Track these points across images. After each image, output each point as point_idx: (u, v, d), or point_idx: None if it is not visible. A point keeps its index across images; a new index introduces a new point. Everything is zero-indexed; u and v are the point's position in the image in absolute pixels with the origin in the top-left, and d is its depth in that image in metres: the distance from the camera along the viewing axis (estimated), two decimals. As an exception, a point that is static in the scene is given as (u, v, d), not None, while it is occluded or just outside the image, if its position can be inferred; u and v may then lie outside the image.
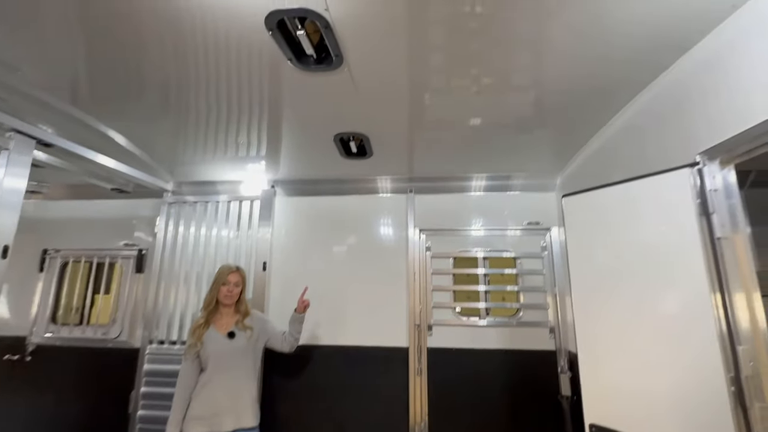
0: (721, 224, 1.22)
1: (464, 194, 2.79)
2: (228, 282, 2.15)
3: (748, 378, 1.11)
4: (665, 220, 1.33)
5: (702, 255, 1.21)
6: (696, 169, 1.28)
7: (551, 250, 2.61)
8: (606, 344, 1.46)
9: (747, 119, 1.11)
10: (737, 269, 1.20)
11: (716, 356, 1.15)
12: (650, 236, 1.37)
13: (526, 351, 2.48)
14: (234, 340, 2.09)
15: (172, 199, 2.93)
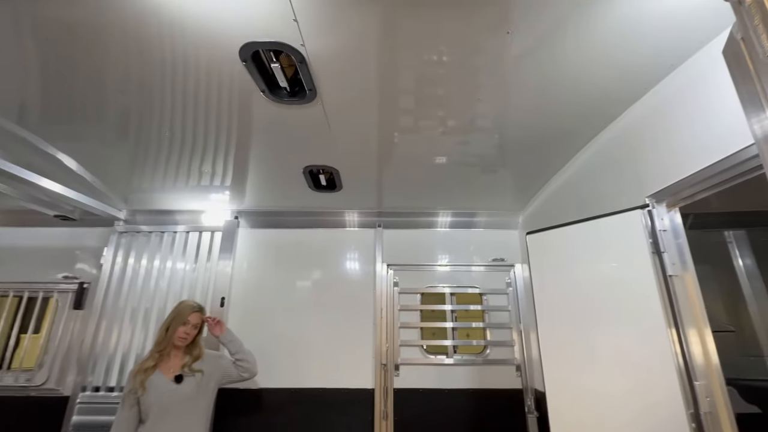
0: (672, 262, 1.30)
1: (431, 230, 2.82)
2: (188, 322, 1.92)
3: (706, 414, 1.14)
4: (622, 258, 1.40)
5: (657, 291, 1.27)
6: (646, 211, 1.37)
7: (516, 286, 2.66)
8: (573, 383, 1.46)
9: (688, 166, 1.22)
10: (689, 305, 1.26)
11: (676, 393, 1.18)
12: (609, 273, 1.43)
13: (493, 390, 2.44)
14: (182, 385, 1.85)
15: (124, 229, 2.73)
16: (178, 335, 1.89)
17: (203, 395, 1.91)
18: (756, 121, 0.69)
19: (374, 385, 2.43)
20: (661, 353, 1.23)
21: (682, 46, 1.20)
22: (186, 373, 1.87)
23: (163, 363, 1.88)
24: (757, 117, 0.68)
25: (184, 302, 2.03)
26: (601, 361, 1.39)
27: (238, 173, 2.23)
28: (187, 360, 1.92)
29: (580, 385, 1.44)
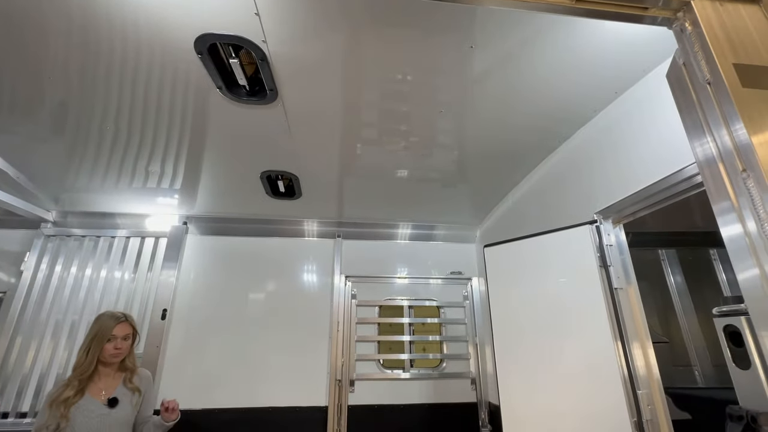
0: (617, 276, 1.37)
1: (391, 241, 2.81)
2: (114, 337, 1.65)
3: (648, 422, 1.19)
4: (572, 272, 1.46)
5: (604, 304, 1.33)
6: (594, 226, 1.44)
7: (472, 299, 2.70)
8: (526, 396, 1.48)
9: (633, 184, 1.31)
10: (632, 317, 1.33)
11: (621, 402, 1.22)
12: (560, 285, 1.48)
13: (449, 404, 2.43)
14: (116, 409, 1.61)
15: (52, 232, 2.45)
16: (107, 353, 1.63)
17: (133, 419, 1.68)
18: (698, 144, 0.74)
19: (328, 403, 2.32)
20: (608, 364, 1.28)
21: (631, 70, 1.30)
22: (123, 393, 1.65)
23: (92, 385, 1.62)
24: (698, 140, 0.74)
25: (103, 315, 1.72)
26: (552, 373, 1.42)
27: (190, 175, 2.09)
28: (124, 376, 1.69)
29: (532, 396, 1.46)
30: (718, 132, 0.68)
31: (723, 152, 0.68)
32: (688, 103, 0.72)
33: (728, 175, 0.67)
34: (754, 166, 0.61)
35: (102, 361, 1.64)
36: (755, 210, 0.62)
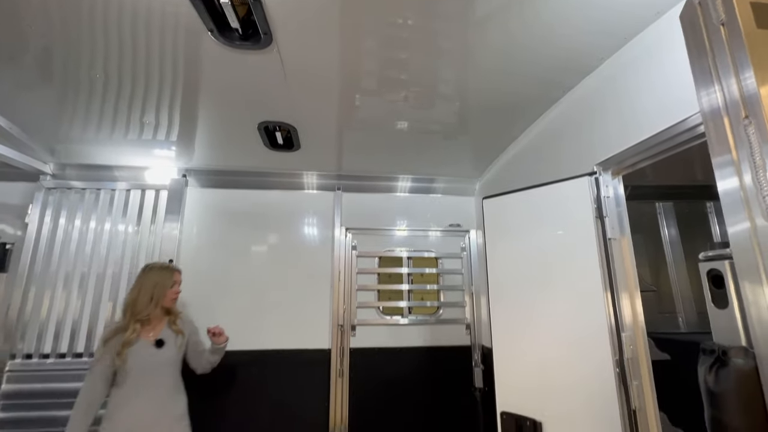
0: (612, 227, 1.40)
1: (390, 194, 2.82)
2: (174, 283, 1.93)
3: (629, 360, 1.29)
4: (568, 222, 1.49)
5: (597, 253, 1.38)
6: (593, 178, 1.45)
7: (469, 251, 2.77)
8: (517, 338, 1.57)
9: (634, 135, 1.29)
10: (623, 267, 1.38)
11: (605, 342, 1.31)
12: (555, 236, 1.52)
13: (444, 347, 2.59)
14: (163, 349, 1.81)
15: (52, 184, 2.45)
16: (169, 298, 1.88)
17: (181, 360, 1.90)
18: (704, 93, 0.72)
19: (331, 346, 2.48)
20: (596, 310, 1.35)
21: (643, 13, 1.23)
22: (169, 336, 1.86)
23: (143, 329, 1.81)
24: (705, 89, 0.72)
25: (155, 265, 1.95)
26: (542, 318, 1.50)
27: (186, 126, 2.05)
28: (170, 319, 1.91)
29: (524, 339, 1.55)
30: (727, 80, 0.67)
31: (729, 102, 0.67)
32: (699, 48, 0.70)
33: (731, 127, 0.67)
34: (757, 113, 0.61)
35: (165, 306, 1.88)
36: (752, 159, 0.62)
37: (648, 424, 1.24)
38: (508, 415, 1.49)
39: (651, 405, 1.26)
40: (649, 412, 1.25)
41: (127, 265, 2.43)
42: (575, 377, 1.36)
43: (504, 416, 1.50)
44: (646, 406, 1.25)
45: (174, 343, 1.86)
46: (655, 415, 1.25)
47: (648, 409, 1.25)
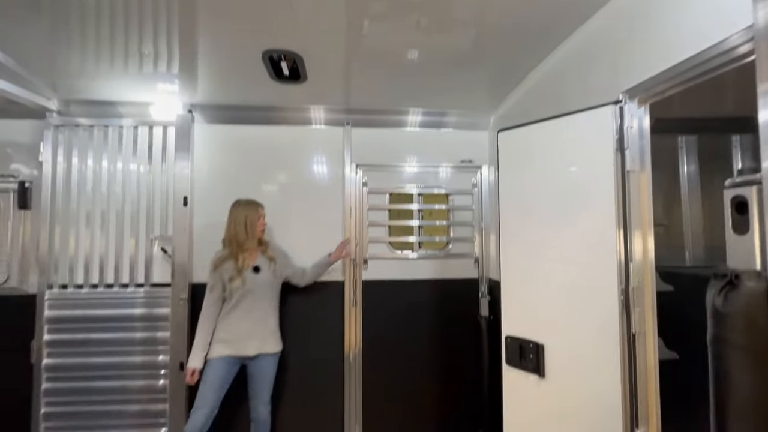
0: (632, 159, 1.35)
1: (401, 129, 2.74)
2: (261, 215, 2.23)
3: (634, 289, 1.32)
4: (585, 156, 1.44)
5: (613, 187, 1.35)
6: (618, 107, 1.37)
7: (481, 187, 2.75)
8: (525, 269, 1.62)
9: (663, 62, 1.19)
10: (639, 200, 1.36)
11: (613, 274, 1.34)
12: (571, 169, 1.49)
13: (452, 280, 2.70)
14: (259, 274, 2.18)
15: (59, 122, 2.43)
16: (258, 230, 2.20)
17: (276, 283, 2.27)
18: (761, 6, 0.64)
19: (344, 278, 2.60)
20: (607, 244, 1.36)
21: None
22: (263, 263, 2.20)
23: (241, 256, 2.16)
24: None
25: (242, 201, 2.23)
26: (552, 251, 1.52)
27: (187, 57, 1.95)
28: (262, 249, 2.24)
29: (530, 272, 1.59)
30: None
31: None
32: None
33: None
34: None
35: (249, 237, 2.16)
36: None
37: (646, 347, 1.32)
38: (512, 338, 1.59)
39: (651, 330, 1.32)
40: (648, 337, 1.32)
41: (144, 204, 2.49)
42: (579, 305, 1.42)
43: (508, 340, 1.60)
44: (646, 331, 1.32)
45: (268, 268, 2.21)
46: (654, 339, 1.32)
47: (647, 334, 1.32)
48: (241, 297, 2.13)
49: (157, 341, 2.41)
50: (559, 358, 1.46)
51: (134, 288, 2.44)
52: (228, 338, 2.11)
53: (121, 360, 2.38)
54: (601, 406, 1.33)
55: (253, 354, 2.12)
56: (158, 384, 2.39)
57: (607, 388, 1.31)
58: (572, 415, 1.41)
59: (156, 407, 2.37)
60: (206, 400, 2.03)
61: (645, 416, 1.30)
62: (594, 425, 1.35)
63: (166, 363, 2.38)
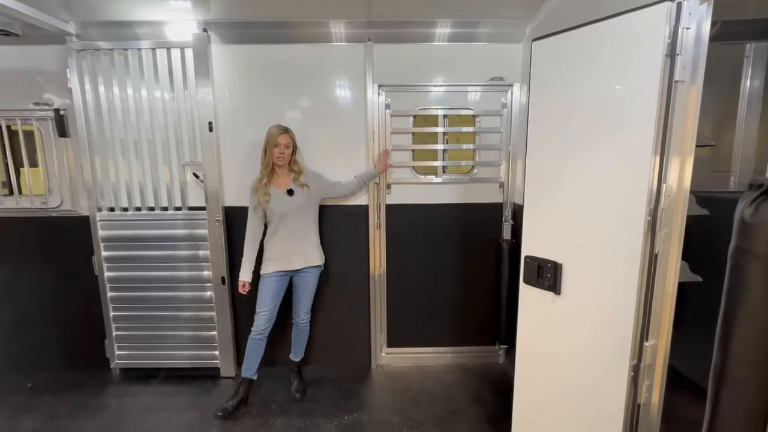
0: (683, 67, 1.21)
1: (427, 44, 2.54)
2: (279, 144, 2.24)
3: (663, 209, 1.28)
4: (629, 64, 1.30)
5: (656, 99, 1.23)
6: (675, 3, 1.19)
7: (511, 108, 2.59)
8: (549, 191, 1.58)
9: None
10: (684, 115, 1.25)
11: (642, 196, 1.28)
12: (610, 82, 1.35)
13: (476, 204, 2.70)
14: (293, 197, 2.30)
15: (79, 46, 2.41)
16: (275, 156, 2.25)
17: (311, 204, 2.39)
18: None
19: (368, 202, 2.65)
20: (641, 162, 1.28)
21: None
22: (296, 187, 2.31)
23: (275, 180, 2.31)
24: None
25: (273, 127, 2.28)
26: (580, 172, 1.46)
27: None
28: (293, 176, 2.34)
29: (555, 198, 1.55)
30: None
31: None
32: None
33: None
34: None
35: (275, 163, 2.27)
36: None
37: (667, 267, 1.31)
38: (531, 258, 1.62)
39: (675, 251, 1.30)
40: (671, 257, 1.30)
41: (172, 131, 2.54)
42: (602, 225, 1.40)
43: (527, 259, 1.63)
44: (670, 252, 1.30)
45: (301, 193, 2.32)
46: (677, 260, 1.31)
47: (671, 254, 1.30)
48: (279, 219, 2.29)
49: (200, 258, 2.64)
50: (576, 276, 1.49)
51: (173, 211, 2.62)
52: (276, 256, 2.33)
53: (171, 274, 2.65)
54: (613, 320, 1.38)
55: (299, 267, 2.36)
56: (205, 295, 2.68)
57: (622, 303, 1.35)
58: (584, 327, 1.48)
59: (205, 314, 2.69)
60: (265, 306, 2.33)
61: (656, 330, 1.35)
62: (604, 336, 1.42)
63: (209, 277, 2.64)
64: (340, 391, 2.56)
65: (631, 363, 1.35)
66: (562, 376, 1.58)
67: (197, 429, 2.23)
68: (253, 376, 2.38)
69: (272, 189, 2.29)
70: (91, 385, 2.65)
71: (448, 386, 2.61)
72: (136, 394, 2.56)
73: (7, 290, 2.72)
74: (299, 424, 2.25)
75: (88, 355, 2.77)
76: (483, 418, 2.28)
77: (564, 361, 1.57)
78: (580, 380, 1.53)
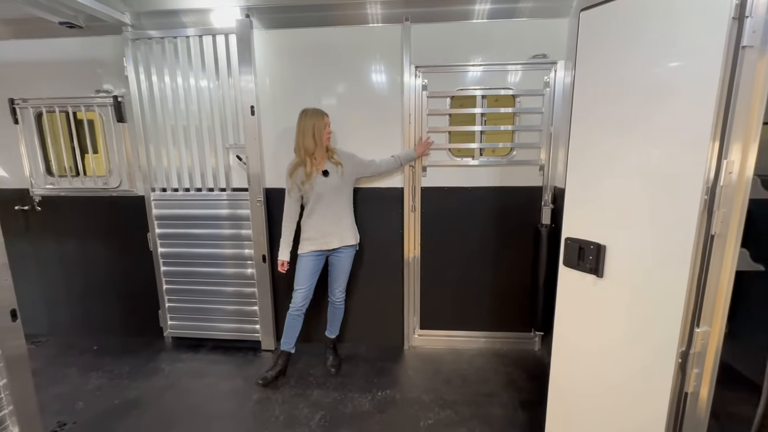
0: (752, 30, 1.10)
1: (466, 23, 2.46)
2: (327, 124, 2.33)
3: (722, 187, 1.19)
4: (690, 26, 1.20)
5: (720, 66, 1.13)
6: (746, -40, 1.08)
7: (554, 87, 2.47)
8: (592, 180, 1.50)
9: None
10: (751, 85, 1.14)
11: (699, 175, 1.19)
12: (669, 49, 1.26)
13: (514, 188, 2.63)
14: (329, 177, 2.34)
15: (134, 35, 2.57)
16: (325, 137, 2.32)
17: (346, 185, 2.43)
18: None
19: (403, 185, 2.66)
20: (699, 135, 1.19)
21: None
22: (331, 167, 2.35)
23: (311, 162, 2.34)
24: None
25: (309, 110, 2.31)
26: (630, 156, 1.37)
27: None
28: (329, 155, 2.38)
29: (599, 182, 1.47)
30: None
31: None
32: None
33: None
34: None
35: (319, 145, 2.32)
36: None
37: (724, 249, 1.22)
38: (572, 240, 1.56)
39: (734, 234, 1.21)
40: (730, 239, 1.21)
41: (217, 117, 2.66)
42: (652, 205, 1.32)
43: (568, 241, 1.58)
44: (728, 234, 1.21)
45: (336, 172, 2.35)
46: (735, 243, 1.21)
47: (729, 237, 1.21)
48: (315, 200, 2.35)
49: (242, 237, 2.78)
50: (621, 258, 1.43)
51: (218, 192, 2.77)
52: (312, 236, 2.40)
53: (216, 251, 2.82)
54: (661, 303, 1.32)
55: (335, 246, 2.43)
56: (247, 272, 2.82)
57: (672, 286, 1.28)
58: (628, 310, 1.42)
59: (247, 290, 2.85)
60: (302, 284, 2.43)
61: (709, 316, 1.27)
62: (650, 320, 1.35)
63: (251, 255, 2.78)
64: (373, 369, 2.63)
65: (680, 349, 1.29)
66: (602, 361, 1.54)
67: (241, 394, 2.38)
68: (291, 349, 2.50)
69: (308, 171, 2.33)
70: (147, 350, 2.90)
71: (480, 370, 2.61)
72: (187, 360, 2.77)
73: (77, 262, 3.02)
74: (335, 397, 2.34)
75: (145, 324, 3.02)
76: (516, 404, 2.26)
77: (604, 346, 1.52)
78: (621, 366, 1.47)
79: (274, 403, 2.29)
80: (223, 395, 2.39)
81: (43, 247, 3.02)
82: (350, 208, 2.50)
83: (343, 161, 2.39)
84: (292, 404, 2.28)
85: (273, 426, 2.11)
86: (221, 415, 2.21)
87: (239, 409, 2.25)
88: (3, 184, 2.94)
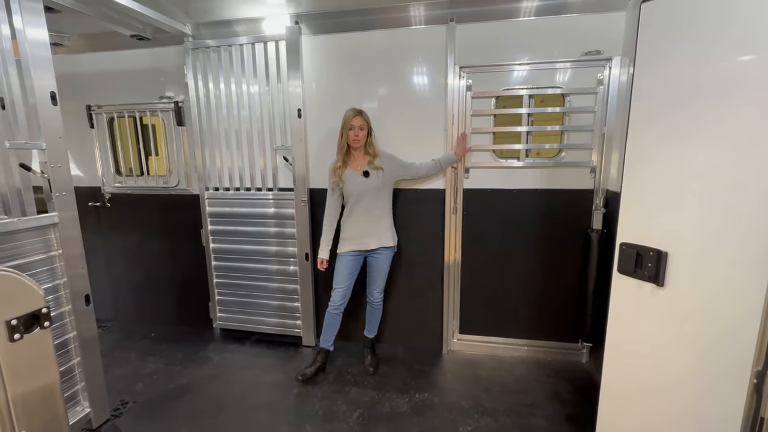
0: None
1: (512, 21, 2.40)
2: (353, 126, 2.32)
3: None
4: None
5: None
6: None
7: (608, 84, 2.35)
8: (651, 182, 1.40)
9: None
10: None
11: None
12: (744, 43, 1.15)
13: (562, 190, 2.51)
14: (369, 179, 2.38)
15: (194, 45, 2.76)
16: (350, 139, 2.34)
17: (385, 187, 2.45)
18: None
19: (445, 186, 2.63)
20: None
21: None
22: (371, 169, 2.38)
23: (352, 162, 2.41)
24: None
25: (348, 110, 2.36)
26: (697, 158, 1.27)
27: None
28: (368, 158, 2.40)
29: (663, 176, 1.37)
30: None
31: None
32: None
33: None
34: None
35: (350, 146, 2.37)
36: None
37: (812, 260, 1.09)
38: (628, 246, 1.46)
39: (824, 243, 1.08)
40: (818, 249, 1.09)
41: (266, 120, 2.79)
42: (727, 210, 1.21)
43: (624, 247, 1.48)
44: (817, 243, 1.08)
45: (376, 175, 2.38)
46: (827, 254, 1.08)
47: (818, 246, 1.08)
48: (355, 201, 2.39)
49: (286, 235, 2.89)
50: (686, 266, 1.32)
51: (265, 191, 2.89)
52: (351, 236, 2.44)
53: (262, 248, 2.95)
54: (733, 318, 1.20)
55: (373, 247, 2.45)
56: (290, 269, 2.93)
57: (747, 300, 1.16)
58: (693, 324, 1.31)
59: (290, 286, 2.95)
60: (341, 283, 2.47)
61: (791, 334, 1.14)
62: (719, 336, 1.24)
63: (294, 253, 2.88)
64: (411, 371, 2.62)
65: (755, 369, 1.17)
66: (661, 376, 1.43)
67: (282, 388, 2.47)
68: (329, 347, 2.55)
69: (348, 171, 2.38)
70: (198, 340, 3.08)
71: (521, 379, 2.51)
72: (233, 351, 2.92)
73: (139, 255, 3.29)
74: (372, 395, 2.36)
75: (197, 315, 3.22)
76: (562, 417, 2.16)
77: (664, 360, 1.41)
78: (682, 383, 1.36)
79: (313, 398, 2.35)
80: (266, 387, 2.48)
81: (111, 241, 3.31)
82: (389, 209, 2.50)
83: (383, 164, 2.40)
84: (331, 400, 2.32)
85: (313, 420, 2.16)
86: (265, 406, 2.30)
87: (281, 402, 2.33)
88: (79, 183, 3.26)
